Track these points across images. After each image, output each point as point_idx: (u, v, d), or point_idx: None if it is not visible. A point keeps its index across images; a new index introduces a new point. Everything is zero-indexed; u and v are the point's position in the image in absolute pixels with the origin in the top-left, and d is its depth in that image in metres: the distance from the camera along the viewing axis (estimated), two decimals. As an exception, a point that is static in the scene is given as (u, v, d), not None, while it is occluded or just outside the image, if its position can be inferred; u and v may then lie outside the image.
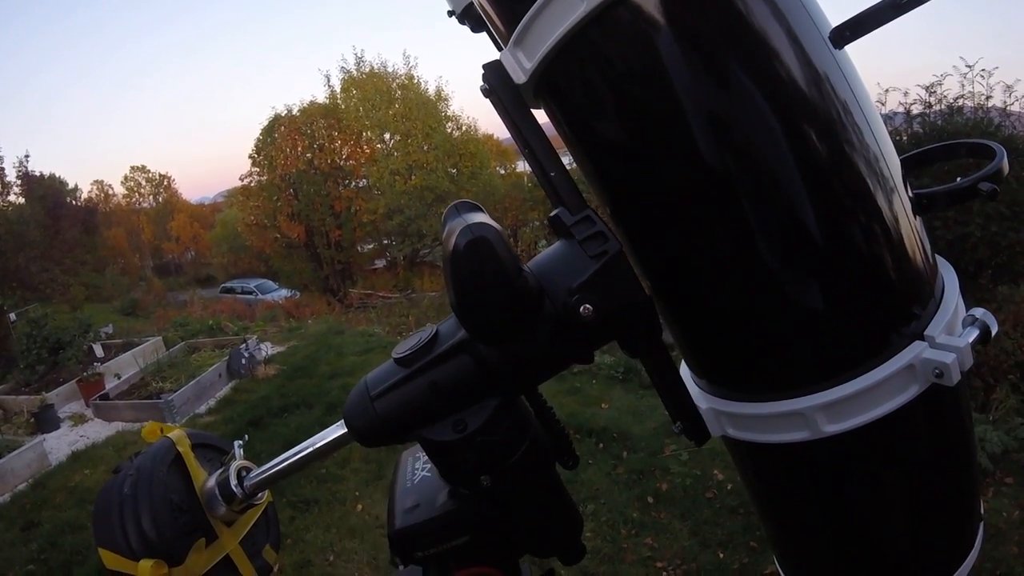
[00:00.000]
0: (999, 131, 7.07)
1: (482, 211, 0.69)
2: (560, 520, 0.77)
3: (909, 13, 0.60)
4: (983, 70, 7.31)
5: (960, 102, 7.43)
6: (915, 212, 0.68)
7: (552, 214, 0.70)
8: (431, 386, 0.67)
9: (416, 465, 0.81)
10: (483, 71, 0.72)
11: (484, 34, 0.79)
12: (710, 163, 0.61)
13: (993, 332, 0.65)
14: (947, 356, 0.60)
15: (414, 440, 0.70)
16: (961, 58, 7.39)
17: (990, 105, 7.34)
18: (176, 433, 0.85)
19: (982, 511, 0.80)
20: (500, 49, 0.74)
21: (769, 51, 0.60)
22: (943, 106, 7.49)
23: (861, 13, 0.61)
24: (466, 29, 0.79)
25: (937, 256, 0.72)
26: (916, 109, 7.55)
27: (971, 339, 0.63)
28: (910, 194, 0.68)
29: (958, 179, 0.69)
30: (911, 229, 0.66)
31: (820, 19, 0.63)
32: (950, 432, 0.73)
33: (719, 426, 0.74)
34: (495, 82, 0.71)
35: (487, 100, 0.74)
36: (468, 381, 0.66)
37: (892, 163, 0.66)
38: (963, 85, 7.41)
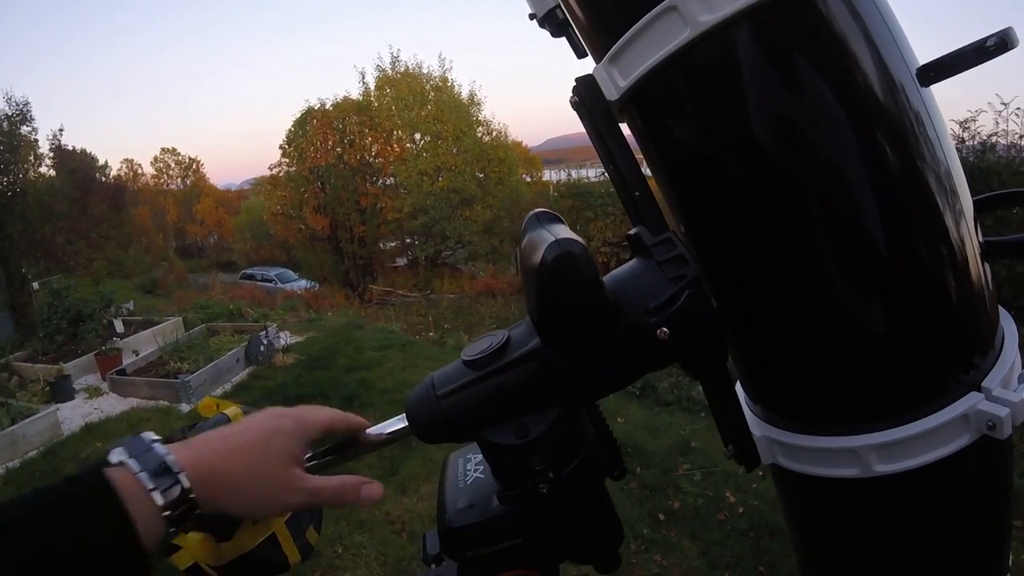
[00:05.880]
0: (1031, 170, 7.03)
1: (563, 223, 0.70)
2: (605, 530, 0.78)
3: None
4: (1018, 108, 7.30)
5: (994, 139, 7.41)
6: (983, 257, 0.69)
7: (632, 232, 0.71)
8: (499, 389, 0.68)
9: (468, 467, 0.81)
10: (575, 83, 0.73)
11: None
12: (795, 189, 0.63)
13: None
14: (1001, 410, 0.62)
15: (472, 440, 0.71)
16: (996, 95, 7.36)
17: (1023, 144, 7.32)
18: (232, 409, 0.86)
19: (1009, 563, 0.81)
20: (579, 55, 0.76)
21: (863, 84, 0.61)
22: (976, 142, 7.45)
23: (947, 56, 0.62)
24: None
25: (999, 306, 0.74)
26: (950, 144, 7.52)
27: None
28: (980, 238, 0.69)
29: None
30: (980, 273, 0.68)
31: (909, 56, 0.65)
32: (992, 482, 0.74)
33: (770, 454, 0.76)
34: (585, 96, 0.73)
35: (575, 112, 0.75)
36: (536, 388, 0.67)
37: (967, 204, 0.67)
38: (997, 123, 7.42)
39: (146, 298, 19.52)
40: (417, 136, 27.13)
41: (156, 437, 0.61)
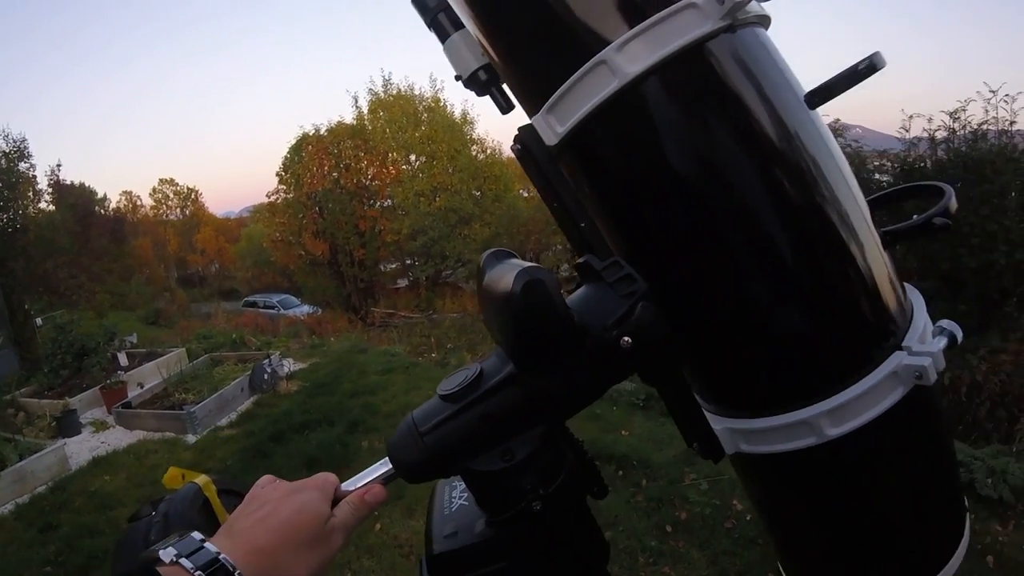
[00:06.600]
0: (1024, 156, 7.04)
1: (518, 257, 0.77)
2: (590, 548, 0.81)
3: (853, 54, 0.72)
4: (1007, 95, 7.34)
5: (984, 128, 7.44)
6: (883, 246, 0.80)
7: (580, 260, 0.78)
8: (481, 417, 0.71)
9: (453, 494, 0.85)
10: (517, 132, 0.82)
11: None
12: (709, 212, 0.73)
13: (959, 339, 0.78)
14: (924, 360, 0.72)
15: (458, 473, 0.74)
16: (985, 83, 7.40)
17: (1014, 130, 7.33)
18: (202, 479, 0.84)
19: (966, 504, 0.90)
20: (504, 112, 0.87)
21: (757, 116, 0.73)
22: (967, 132, 7.51)
23: (828, 81, 0.73)
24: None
25: (905, 283, 0.84)
26: (940, 135, 7.57)
27: (942, 345, 0.75)
28: (878, 231, 0.80)
29: (914, 216, 0.82)
30: (881, 260, 0.78)
31: (798, 89, 0.77)
32: (931, 427, 0.84)
33: (733, 443, 0.83)
34: (528, 142, 0.82)
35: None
36: (516, 412, 0.71)
37: (862, 204, 0.79)
38: (987, 111, 7.44)
39: (149, 329, 19.51)
40: (412, 157, 27.29)
41: (202, 536, 0.63)
